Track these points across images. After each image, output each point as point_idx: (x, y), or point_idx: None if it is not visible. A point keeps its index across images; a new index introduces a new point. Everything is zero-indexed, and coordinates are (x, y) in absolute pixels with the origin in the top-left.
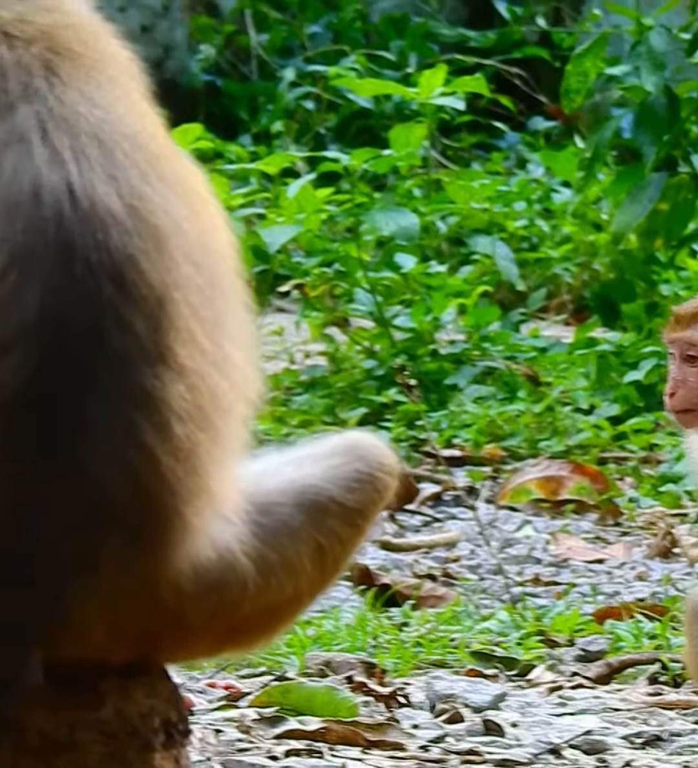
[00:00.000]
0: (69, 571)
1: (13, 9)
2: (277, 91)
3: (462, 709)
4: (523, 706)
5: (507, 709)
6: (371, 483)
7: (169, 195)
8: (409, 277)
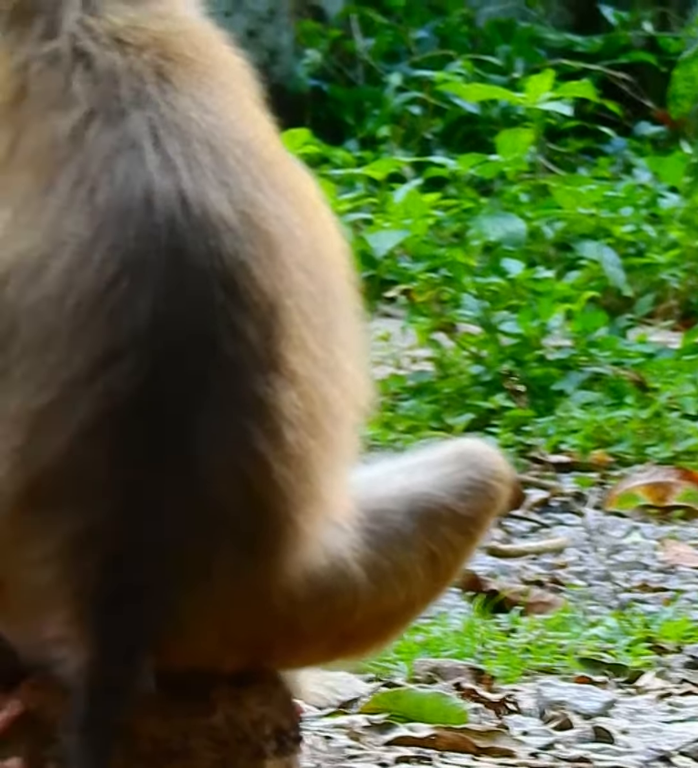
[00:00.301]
0: (181, 578)
1: (126, 16)
2: (383, 96)
3: (571, 715)
4: (633, 713)
5: (616, 716)
6: (484, 491)
7: (281, 202)
8: (516, 282)
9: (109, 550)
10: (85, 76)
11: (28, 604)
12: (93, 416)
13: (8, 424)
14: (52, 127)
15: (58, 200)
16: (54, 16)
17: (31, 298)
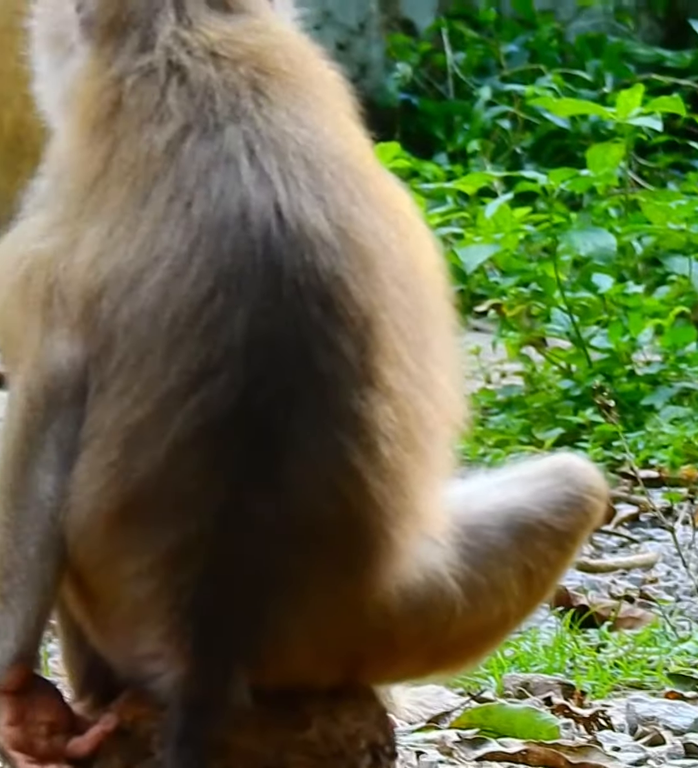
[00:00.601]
0: (276, 593)
1: (221, 30)
2: (473, 111)
3: (662, 731)
4: None
5: None
6: (580, 506)
7: (377, 216)
8: (606, 297)
9: (204, 565)
10: (180, 90)
11: (124, 619)
12: (188, 431)
13: (104, 439)
14: (148, 141)
15: (154, 214)
16: (149, 30)
17: (126, 313)
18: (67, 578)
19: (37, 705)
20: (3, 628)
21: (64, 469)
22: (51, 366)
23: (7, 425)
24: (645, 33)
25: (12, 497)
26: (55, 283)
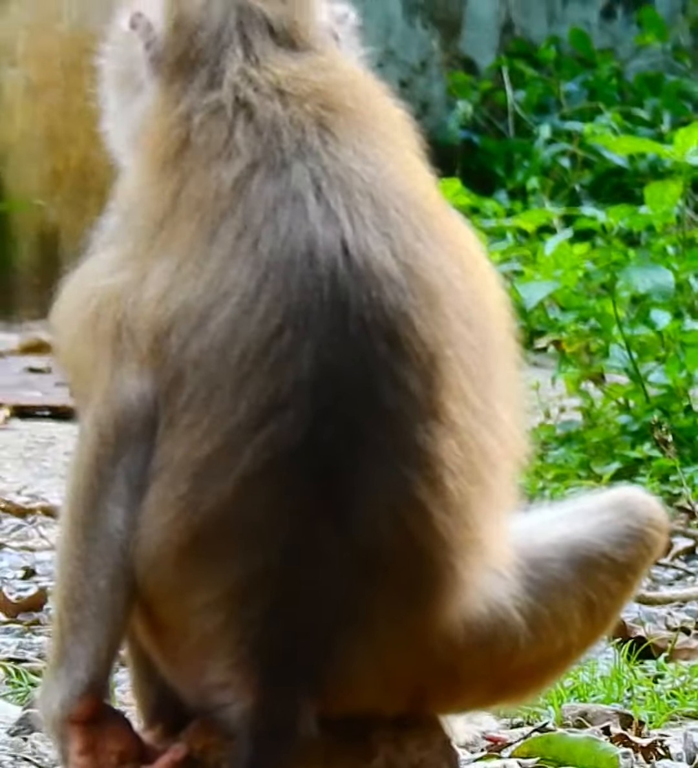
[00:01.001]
0: (342, 625)
1: (287, 67)
2: (533, 148)
3: None
4: None
5: None
6: (641, 539)
7: (441, 253)
8: (664, 333)
9: (271, 599)
10: (247, 127)
11: (192, 650)
12: (256, 465)
13: (173, 472)
14: (216, 178)
15: (222, 251)
16: (217, 67)
17: (195, 348)
18: (136, 609)
19: (107, 734)
20: (74, 658)
21: (133, 503)
22: (121, 401)
23: (78, 459)
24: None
25: (82, 530)
26: (124, 319)
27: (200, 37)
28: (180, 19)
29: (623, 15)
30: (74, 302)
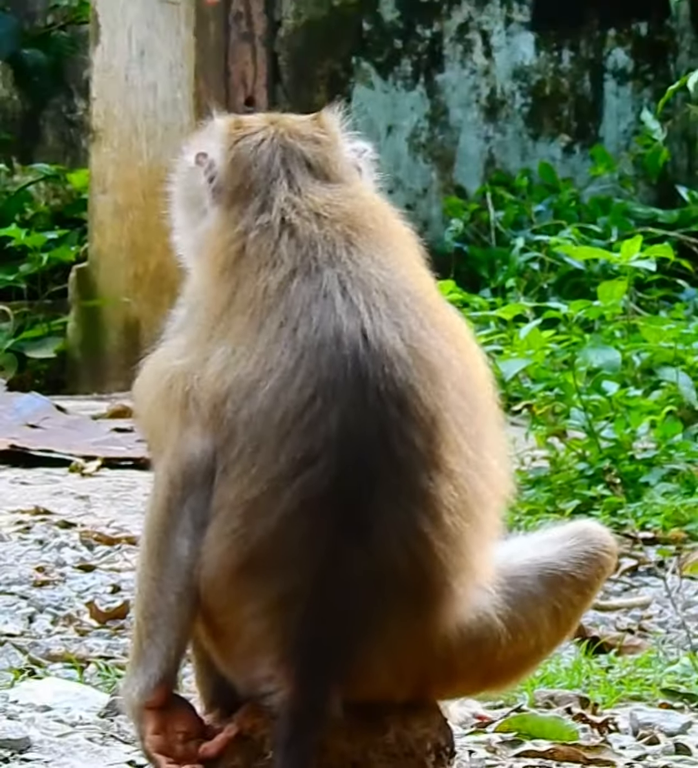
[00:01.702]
0: (363, 631)
1: (323, 196)
2: (510, 256)
3: (658, 734)
4: None
5: (692, 734)
6: (597, 561)
7: (440, 338)
8: (613, 399)
9: (306, 609)
10: (289, 242)
11: (244, 649)
12: (294, 505)
13: (228, 510)
14: (264, 281)
15: (267, 337)
16: (267, 196)
17: (245, 412)
18: (199, 618)
19: (175, 718)
20: (150, 658)
21: (197, 535)
22: (187, 455)
23: (153, 500)
24: (642, 196)
25: (157, 557)
26: (191, 391)
27: (253, 171)
28: (236, 158)
29: (580, 151)
30: (152, 378)
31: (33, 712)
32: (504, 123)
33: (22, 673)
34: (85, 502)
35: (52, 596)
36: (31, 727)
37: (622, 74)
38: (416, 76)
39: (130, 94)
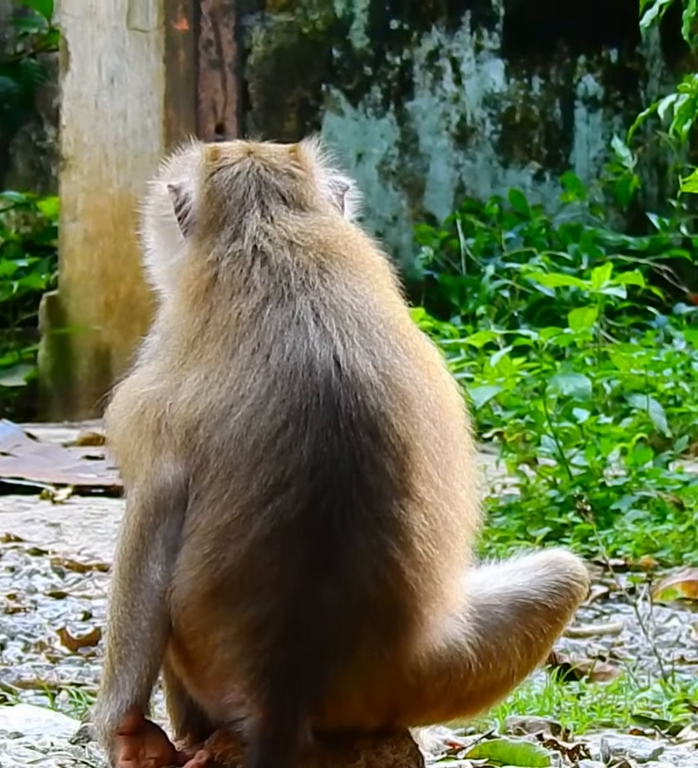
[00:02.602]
0: (333, 658)
1: (296, 224)
2: (481, 283)
3: (629, 760)
4: (676, 758)
5: (663, 761)
6: (568, 590)
7: (413, 366)
8: (583, 426)
9: (277, 636)
10: (262, 269)
11: (215, 676)
12: (266, 531)
13: (200, 536)
14: (237, 308)
15: (240, 363)
16: (239, 225)
17: (217, 439)
18: (170, 644)
19: (147, 744)
20: (122, 684)
21: (169, 561)
22: (160, 481)
23: (125, 526)
24: (613, 223)
25: (129, 582)
26: (163, 417)
27: (227, 204)
28: (211, 191)
29: (550, 178)
30: (124, 404)
31: (4, 739)
32: (474, 150)
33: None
34: (57, 529)
35: (24, 623)
36: (2, 754)
37: (593, 101)
38: (386, 104)
39: (100, 122)
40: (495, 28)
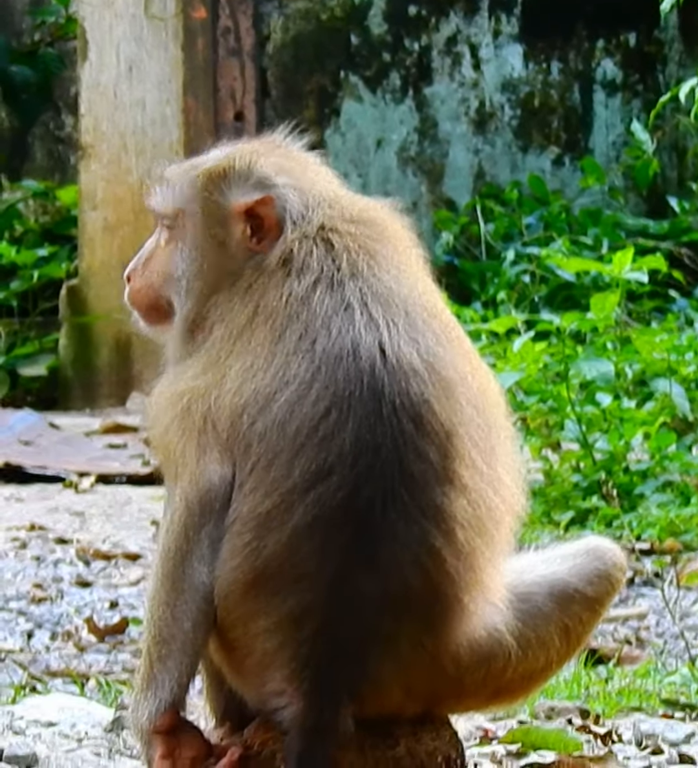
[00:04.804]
0: (374, 646)
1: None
2: (501, 269)
3: (661, 744)
4: None
5: (695, 744)
6: (607, 578)
7: (455, 354)
8: (606, 411)
9: (318, 625)
10: (315, 252)
11: (255, 665)
12: (307, 519)
13: (241, 524)
14: (286, 292)
15: (286, 348)
16: None
17: (260, 425)
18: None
19: (183, 742)
20: (160, 682)
21: (214, 561)
22: (205, 482)
23: (168, 525)
24: (633, 207)
25: (172, 582)
26: (209, 413)
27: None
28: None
29: (569, 163)
30: (167, 399)
31: (39, 728)
32: (493, 135)
33: (24, 689)
34: (81, 518)
35: (51, 612)
36: (37, 743)
37: (611, 85)
38: (405, 90)
39: (119, 111)
40: (513, 13)
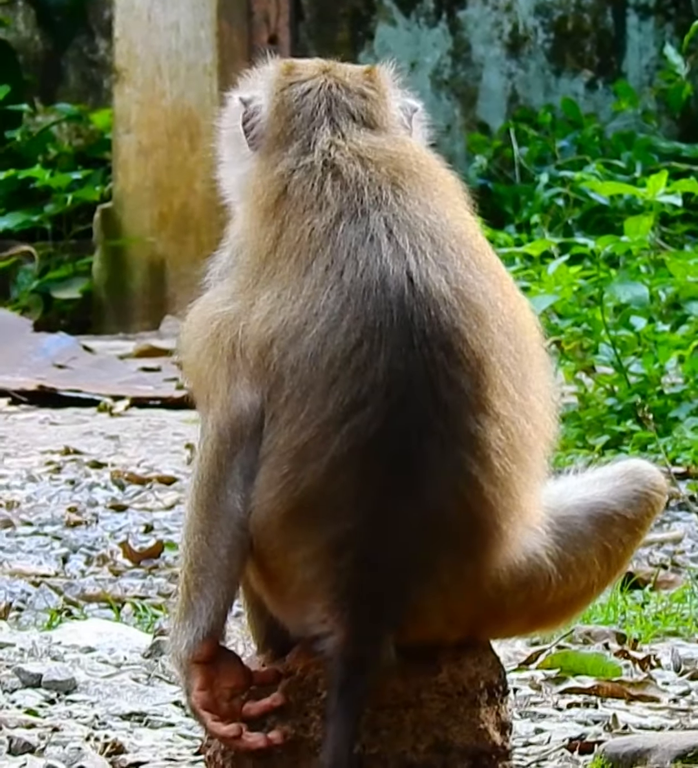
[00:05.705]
0: (414, 575)
1: (368, 140)
2: (535, 192)
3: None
4: None
5: None
6: (646, 500)
7: (486, 281)
8: (641, 334)
9: (357, 554)
10: (334, 183)
11: (296, 594)
12: (342, 450)
13: (277, 456)
14: (309, 224)
15: (314, 281)
16: (309, 139)
17: (292, 357)
18: (250, 563)
19: (221, 673)
20: (198, 611)
21: (247, 488)
22: (236, 409)
23: (201, 453)
24: (666, 130)
25: (206, 510)
26: (237, 339)
27: (296, 119)
28: (280, 105)
29: (603, 87)
30: (198, 325)
31: (77, 653)
32: (526, 59)
33: (59, 614)
34: (115, 441)
35: (85, 536)
36: (76, 669)
37: (644, 9)
38: (438, 13)
39: (153, 34)
40: None
